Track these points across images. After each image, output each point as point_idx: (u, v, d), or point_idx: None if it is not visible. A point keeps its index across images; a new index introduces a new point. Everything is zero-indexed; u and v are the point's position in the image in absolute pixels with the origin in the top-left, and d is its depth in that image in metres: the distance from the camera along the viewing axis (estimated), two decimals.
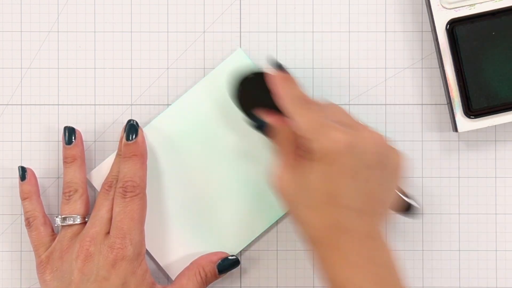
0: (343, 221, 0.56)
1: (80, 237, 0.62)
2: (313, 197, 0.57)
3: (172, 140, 0.67)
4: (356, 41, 0.68)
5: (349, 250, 0.56)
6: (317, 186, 0.57)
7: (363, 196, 0.57)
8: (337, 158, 0.57)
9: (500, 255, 0.68)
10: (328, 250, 0.57)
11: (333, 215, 0.57)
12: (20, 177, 0.66)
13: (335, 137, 0.57)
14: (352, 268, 0.56)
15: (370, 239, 0.57)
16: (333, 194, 0.57)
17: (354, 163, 0.57)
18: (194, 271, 0.65)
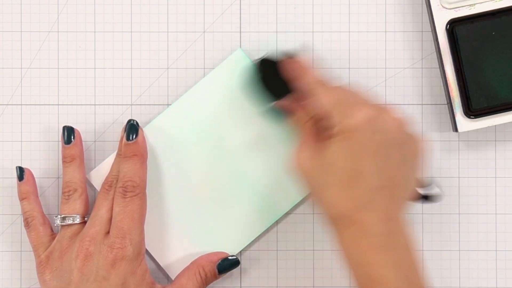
0: (367, 200, 0.56)
1: (80, 237, 0.62)
2: (335, 175, 0.57)
3: (172, 140, 0.67)
4: (356, 41, 0.68)
5: (372, 228, 0.56)
6: (339, 163, 0.57)
7: (384, 174, 0.57)
8: (359, 134, 0.57)
9: (500, 255, 0.68)
10: (352, 228, 0.56)
11: (356, 193, 0.56)
12: (18, 177, 0.66)
13: (357, 113, 0.57)
14: (374, 249, 0.55)
15: (392, 220, 0.56)
16: (355, 171, 0.57)
17: (375, 140, 0.57)
18: (194, 271, 0.65)
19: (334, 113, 0.58)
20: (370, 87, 0.68)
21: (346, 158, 0.57)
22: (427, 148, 0.60)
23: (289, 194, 0.67)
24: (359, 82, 0.68)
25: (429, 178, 0.65)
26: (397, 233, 0.57)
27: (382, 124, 0.57)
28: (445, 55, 0.65)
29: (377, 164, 0.57)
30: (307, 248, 0.68)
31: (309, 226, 0.68)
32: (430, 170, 0.67)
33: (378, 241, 0.56)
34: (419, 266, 0.57)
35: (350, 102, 0.58)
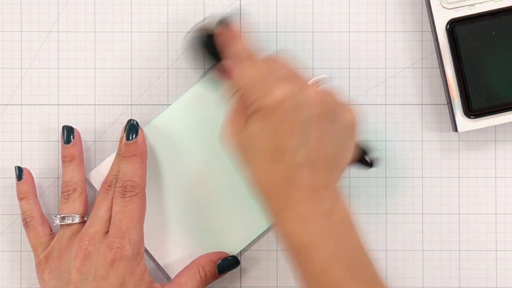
0: (289, 177, 0.56)
1: (79, 236, 0.62)
2: (258, 150, 0.57)
3: (172, 140, 0.67)
4: (356, 41, 0.68)
5: (298, 206, 0.55)
6: (260, 139, 0.57)
7: (308, 151, 0.56)
8: (278, 111, 0.56)
9: (500, 255, 0.68)
10: (278, 207, 0.56)
11: (279, 171, 0.56)
12: (17, 177, 0.66)
13: (277, 90, 0.57)
14: (303, 224, 0.55)
15: (320, 195, 0.56)
16: (276, 150, 0.56)
17: (294, 116, 0.56)
18: (193, 270, 0.65)
19: (255, 89, 0.58)
20: (370, 87, 0.68)
21: (267, 135, 0.57)
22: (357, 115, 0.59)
23: None
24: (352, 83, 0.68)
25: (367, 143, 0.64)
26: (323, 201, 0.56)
27: (302, 100, 0.57)
28: (445, 55, 0.65)
29: (295, 142, 0.56)
30: None
31: None
32: (430, 170, 0.67)
33: (304, 218, 0.55)
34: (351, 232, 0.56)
35: (271, 78, 0.58)
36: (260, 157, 0.57)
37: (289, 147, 0.56)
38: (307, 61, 0.67)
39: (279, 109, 0.56)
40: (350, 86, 0.68)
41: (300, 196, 0.56)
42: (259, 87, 0.57)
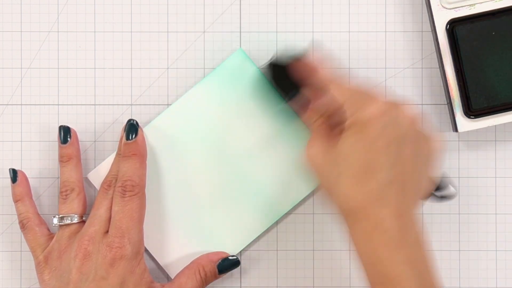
0: (380, 193, 0.56)
1: (79, 236, 0.62)
2: (347, 168, 0.57)
3: (172, 140, 0.67)
4: (356, 41, 0.68)
5: (383, 225, 0.55)
6: (351, 156, 0.57)
7: (395, 169, 0.56)
8: (371, 128, 0.56)
9: (500, 255, 0.68)
10: (363, 221, 0.56)
11: (367, 187, 0.56)
12: (12, 179, 0.66)
13: (370, 107, 0.57)
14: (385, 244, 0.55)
15: (404, 216, 0.56)
16: (367, 165, 0.56)
17: (387, 134, 0.56)
18: (194, 270, 0.65)
19: (347, 107, 0.58)
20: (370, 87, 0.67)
21: (359, 152, 0.57)
22: (440, 147, 0.60)
23: (290, 194, 0.67)
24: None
25: (444, 178, 0.64)
26: (408, 229, 0.56)
27: (394, 119, 0.57)
28: (445, 55, 0.65)
29: (389, 159, 0.56)
30: (307, 248, 0.68)
31: (309, 226, 0.68)
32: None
33: (389, 236, 0.55)
34: (431, 264, 0.56)
35: (362, 96, 0.58)
36: (348, 174, 0.57)
37: (383, 163, 0.56)
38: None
39: (375, 124, 0.57)
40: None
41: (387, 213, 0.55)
42: (351, 105, 0.58)
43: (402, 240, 0.55)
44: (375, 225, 0.56)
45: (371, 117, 0.57)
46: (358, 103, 0.58)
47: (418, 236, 0.57)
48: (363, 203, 0.56)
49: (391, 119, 0.57)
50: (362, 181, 0.56)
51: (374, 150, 0.56)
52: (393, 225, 0.55)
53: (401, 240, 0.55)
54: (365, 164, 0.56)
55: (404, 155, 0.57)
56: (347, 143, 0.57)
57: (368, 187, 0.56)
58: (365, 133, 0.57)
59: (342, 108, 0.58)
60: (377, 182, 0.56)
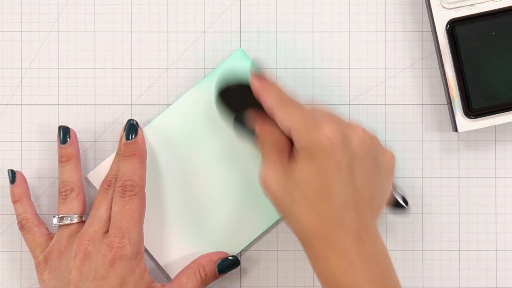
0: (335, 216, 0.56)
1: (79, 236, 0.62)
2: (301, 193, 0.57)
3: (172, 140, 0.67)
4: (356, 41, 0.68)
5: (343, 246, 0.56)
6: (305, 181, 0.57)
7: (353, 191, 0.57)
8: (324, 152, 0.57)
9: (500, 255, 0.68)
10: (322, 246, 0.57)
11: (325, 210, 0.56)
12: (10, 180, 0.66)
13: (321, 131, 0.57)
14: (347, 264, 0.56)
15: (363, 235, 0.57)
16: (323, 189, 0.57)
17: (339, 158, 0.57)
18: (194, 270, 0.65)
19: (294, 131, 0.58)
20: (370, 87, 0.68)
21: (312, 177, 0.57)
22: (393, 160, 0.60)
23: None
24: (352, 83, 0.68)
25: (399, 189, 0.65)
26: (371, 245, 0.57)
27: (346, 141, 0.57)
28: (445, 55, 0.65)
29: (342, 181, 0.57)
30: None
31: None
32: (430, 170, 0.67)
33: (347, 256, 0.56)
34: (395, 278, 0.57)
35: (312, 120, 0.58)
36: (307, 196, 0.57)
37: (336, 186, 0.56)
38: (307, 61, 0.67)
39: (326, 147, 0.57)
40: (350, 86, 0.68)
41: (346, 237, 0.56)
42: (300, 129, 0.58)
43: (361, 257, 0.56)
44: (334, 250, 0.56)
45: (320, 141, 0.57)
46: (308, 126, 0.57)
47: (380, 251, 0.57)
48: (320, 228, 0.57)
49: (342, 144, 0.57)
50: (316, 206, 0.57)
51: (325, 175, 0.57)
52: (350, 246, 0.56)
53: (360, 258, 0.56)
54: (318, 189, 0.57)
55: (357, 175, 0.57)
56: (298, 169, 0.57)
57: (324, 211, 0.57)
58: (316, 158, 0.57)
59: (292, 131, 0.58)
60: (332, 206, 0.56)
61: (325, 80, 0.68)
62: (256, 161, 0.66)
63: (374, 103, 0.68)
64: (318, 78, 0.67)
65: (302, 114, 0.58)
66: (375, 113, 0.68)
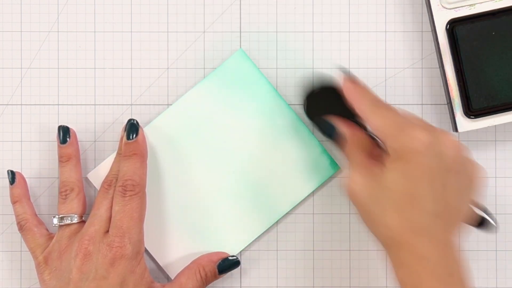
0: (422, 224, 0.56)
1: (79, 236, 0.62)
2: (391, 198, 0.56)
3: (173, 140, 0.67)
4: (356, 41, 0.68)
5: (426, 255, 0.55)
6: (396, 186, 0.56)
7: (439, 200, 0.56)
8: (417, 157, 0.56)
9: (500, 255, 0.68)
10: (405, 252, 0.56)
11: (413, 217, 0.56)
12: (10, 181, 0.66)
13: (415, 136, 0.56)
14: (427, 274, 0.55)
15: (447, 247, 0.56)
16: (411, 195, 0.56)
17: (432, 165, 0.56)
18: (194, 270, 0.65)
19: (393, 137, 0.57)
20: (370, 87, 0.67)
21: (403, 182, 0.56)
22: (483, 174, 0.60)
23: (290, 194, 0.67)
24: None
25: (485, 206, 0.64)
26: (450, 260, 0.56)
27: (439, 149, 0.57)
28: (445, 55, 0.65)
29: (433, 190, 0.56)
30: (307, 248, 0.68)
31: (309, 226, 0.68)
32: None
33: (431, 267, 0.55)
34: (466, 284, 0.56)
35: (406, 126, 0.57)
36: (393, 204, 0.56)
37: (428, 195, 0.56)
38: (307, 61, 0.67)
39: (420, 153, 0.56)
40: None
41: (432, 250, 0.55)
42: (395, 135, 0.57)
43: (444, 270, 0.55)
44: (417, 255, 0.55)
45: (415, 148, 0.56)
46: (403, 132, 0.57)
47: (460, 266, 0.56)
48: (404, 233, 0.56)
49: (435, 149, 0.57)
50: (404, 211, 0.56)
51: (417, 182, 0.56)
52: (435, 255, 0.55)
53: (443, 271, 0.55)
54: (408, 195, 0.56)
55: (448, 186, 0.57)
56: (390, 177, 0.57)
57: (410, 217, 0.56)
58: (409, 164, 0.56)
59: (386, 137, 0.58)
60: (420, 214, 0.56)
61: None
62: (256, 161, 0.66)
63: None
64: None
65: (397, 118, 0.58)
66: None
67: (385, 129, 0.58)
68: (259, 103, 0.66)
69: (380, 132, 0.58)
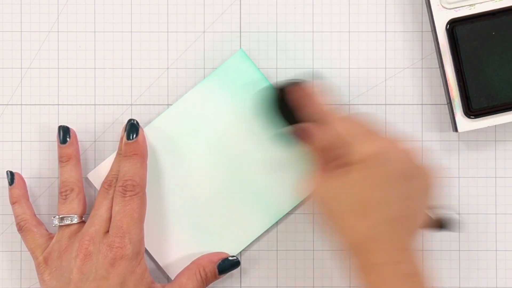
0: (377, 229, 0.56)
1: (79, 236, 0.62)
2: (348, 203, 0.57)
3: (173, 141, 0.67)
4: (356, 41, 0.68)
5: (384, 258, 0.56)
6: (352, 191, 0.57)
7: (390, 206, 0.57)
8: (365, 167, 0.57)
9: (500, 255, 0.68)
10: (365, 256, 0.56)
11: (363, 227, 0.56)
12: (9, 181, 0.66)
13: (369, 144, 0.57)
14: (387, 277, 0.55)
15: (401, 252, 0.56)
16: (361, 204, 0.57)
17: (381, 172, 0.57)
18: (194, 271, 0.65)
19: (350, 143, 0.58)
20: (370, 87, 0.68)
21: (360, 187, 0.57)
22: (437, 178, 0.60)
23: (289, 194, 0.67)
24: (352, 83, 0.68)
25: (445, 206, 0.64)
26: (409, 262, 0.57)
27: (391, 156, 0.57)
28: (445, 55, 0.65)
29: (383, 196, 0.57)
30: (307, 248, 0.68)
31: (309, 226, 0.68)
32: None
33: (391, 269, 0.56)
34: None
35: (365, 133, 0.59)
36: (345, 212, 0.57)
37: (374, 203, 0.57)
38: (307, 61, 0.67)
39: (365, 164, 0.57)
40: (350, 86, 0.68)
41: (385, 257, 0.56)
42: (357, 139, 0.58)
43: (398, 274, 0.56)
44: (376, 258, 0.56)
45: (362, 157, 0.57)
46: (360, 139, 0.58)
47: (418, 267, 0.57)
48: (362, 237, 0.56)
49: (388, 157, 0.57)
50: (360, 216, 0.57)
51: (364, 190, 0.57)
52: (392, 258, 0.56)
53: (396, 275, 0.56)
54: (356, 204, 0.57)
55: (401, 192, 0.57)
56: (350, 179, 0.57)
57: (366, 222, 0.56)
58: (357, 173, 0.57)
59: (345, 142, 0.58)
60: (374, 219, 0.56)
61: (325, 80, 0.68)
62: (256, 161, 0.66)
63: (374, 103, 0.68)
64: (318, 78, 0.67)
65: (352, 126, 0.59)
66: (375, 113, 0.68)
67: (347, 133, 0.59)
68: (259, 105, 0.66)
69: (339, 137, 0.59)
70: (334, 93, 0.66)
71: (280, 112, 0.63)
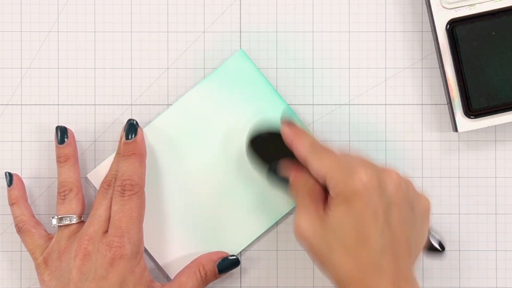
0: (373, 262, 0.56)
1: (79, 236, 0.62)
2: (338, 239, 0.56)
3: (173, 140, 0.67)
4: (356, 41, 0.68)
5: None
6: (341, 227, 0.56)
7: (390, 236, 0.56)
8: (358, 197, 0.56)
9: (500, 255, 0.68)
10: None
11: (363, 257, 0.56)
12: (7, 183, 0.66)
13: (355, 176, 0.57)
14: None
15: (401, 281, 0.56)
16: (360, 235, 0.56)
17: (374, 202, 0.56)
18: (193, 270, 0.65)
19: (331, 179, 0.57)
20: (370, 87, 0.68)
21: (347, 223, 0.56)
22: (429, 206, 0.60)
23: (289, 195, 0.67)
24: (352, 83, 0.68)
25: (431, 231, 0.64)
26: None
27: (381, 186, 0.57)
28: (445, 55, 0.65)
29: (379, 227, 0.56)
30: None
31: None
32: (430, 171, 0.67)
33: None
34: None
35: (346, 166, 0.58)
36: (340, 245, 0.56)
37: (373, 232, 0.56)
38: (307, 61, 0.67)
39: (362, 193, 0.56)
40: (350, 86, 0.68)
41: (383, 283, 0.55)
42: (335, 175, 0.57)
43: None
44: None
45: (355, 187, 0.56)
46: (341, 173, 0.57)
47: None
48: (357, 274, 0.56)
49: (378, 186, 0.57)
50: (354, 252, 0.56)
51: (362, 220, 0.56)
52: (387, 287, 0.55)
53: None
54: (355, 235, 0.56)
55: (394, 221, 0.57)
56: (335, 216, 0.57)
57: (361, 257, 0.56)
58: (353, 204, 0.56)
59: (326, 178, 0.58)
60: (369, 252, 0.56)
61: (325, 80, 0.68)
62: None
63: (374, 103, 0.68)
64: (318, 78, 0.67)
65: (336, 160, 0.58)
66: (375, 113, 0.68)
67: (325, 173, 0.58)
68: (259, 103, 0.66)
69: (320, 176, 0.58)
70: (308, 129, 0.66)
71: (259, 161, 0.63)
